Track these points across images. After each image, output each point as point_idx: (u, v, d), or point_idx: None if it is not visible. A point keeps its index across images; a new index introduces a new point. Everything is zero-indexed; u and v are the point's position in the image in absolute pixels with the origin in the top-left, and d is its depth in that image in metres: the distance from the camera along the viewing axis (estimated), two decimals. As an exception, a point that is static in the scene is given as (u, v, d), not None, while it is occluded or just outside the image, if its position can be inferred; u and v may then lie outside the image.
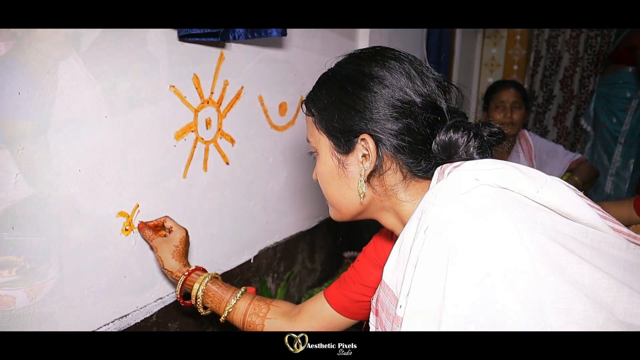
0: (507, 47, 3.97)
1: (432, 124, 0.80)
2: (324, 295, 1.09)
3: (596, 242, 0.68)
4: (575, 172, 2.22)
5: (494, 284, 0.62)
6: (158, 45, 1.07)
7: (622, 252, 0.69)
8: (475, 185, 0.70)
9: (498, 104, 2.31)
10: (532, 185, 0.70)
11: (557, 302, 0.61)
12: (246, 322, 1.09)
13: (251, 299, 1.11)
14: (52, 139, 0.89)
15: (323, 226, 1.95)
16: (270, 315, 1.10)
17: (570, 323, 0.60)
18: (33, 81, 0.84)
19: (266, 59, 1.44)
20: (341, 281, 1.08)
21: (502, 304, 0.61)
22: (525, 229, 0.65)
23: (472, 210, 0.67)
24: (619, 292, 0.63)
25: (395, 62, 0.81)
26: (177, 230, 1.13)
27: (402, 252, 0.75)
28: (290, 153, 1.64)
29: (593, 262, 0.65)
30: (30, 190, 0.87)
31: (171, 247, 1.11)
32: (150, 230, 1.12)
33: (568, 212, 0.69)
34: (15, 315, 0.88)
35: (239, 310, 1.09)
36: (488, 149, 0.82)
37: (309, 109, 0.89)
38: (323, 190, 0.91)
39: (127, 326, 1.11)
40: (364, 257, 1.06)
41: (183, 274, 1.10)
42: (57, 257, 0.94)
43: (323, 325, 1.08)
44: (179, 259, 1.11)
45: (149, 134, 1.09)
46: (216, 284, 1.11)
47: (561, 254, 0.64)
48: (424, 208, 0.73)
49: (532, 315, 0.61)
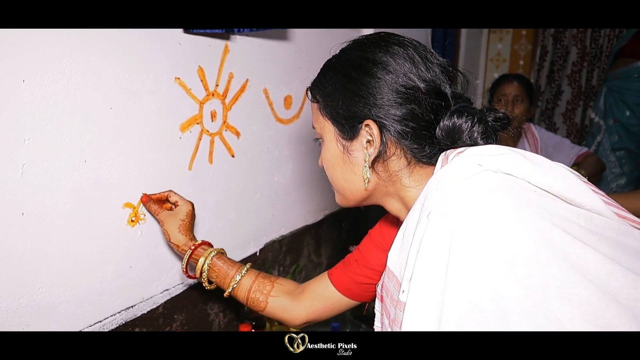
0: (513, 42, 3.95)
1: (436, 110, 0.80)
2: (328, 276, 1.09)
3: (600, 228, 0.68)
4: (581, 165, 2.21)
5: (496, 270, 0.62)
6: (163, 37, 1.08)
7: (626, 238, 0.69)
8: (478, 170, 0.69)
9: (500, 97, 2.32)
10: (535, 171, 0.69)
11: (560, 287, 0.61)
12: (250, 298, 1.10)
13: (256, 275, 1.12)
14: (58, 129, 0.90)
15: (329, 220, 1.95)
16: (274, 293, 1.10)
17: (574, 308, 0.60)
18: (39, 71, 0.85)
19: (271, 52, 1.44)
20: (345, 263, 1.08)
21: (505, 289, 0.61)
22: (529, 214, 0.64)
23: (474, 196, 0.67)
24: (623, 277, 0.62)
25: (399, 47, 0.81)
26: (183, 204, 1.13)
27: (405, 238, 0.75)
28: (295, 146, 1.64)
29: (597, 247, 0.64)
30: (37, 181, 0.87)
31: (177, 220, 1.11)
32: (155, 204, 1.12)
33: (572, 198, 0.69)
34: (22, 305, 0.89)
35: (243, 286, 1.10)
36: (493, 135, 0.81)
37: (314, 95, 0.89)
38: (328, 176, 0.91)
39: (133, 317, 1.12)
40: (370, 240, 1.06)
41: (189, 247, 1.10)
42: (63, 247, 0.94)
43: (326, 305, 1.09)
44: (185, 233, 1.11)
45: (154, 126, 1.10)
46: (222, 259, 1.12)
47: (565, 239, 0.64)
48: (427, 193, 0.73)
49: (535, 300, 0.60)
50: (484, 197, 0.66)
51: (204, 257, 1.10)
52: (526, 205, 0.66)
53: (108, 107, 0.98)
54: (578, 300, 0.60)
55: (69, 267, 0.96)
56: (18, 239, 0.86)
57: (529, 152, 0.73)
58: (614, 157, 3.00)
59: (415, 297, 0.68)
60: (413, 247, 0.71)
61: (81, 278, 0.99)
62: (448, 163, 0.74)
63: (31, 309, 0.91)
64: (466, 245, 0.64)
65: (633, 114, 2.95)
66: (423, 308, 0.67)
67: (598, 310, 0.60)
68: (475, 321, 0.62)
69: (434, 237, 0.67)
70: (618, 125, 3.01)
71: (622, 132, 3.00)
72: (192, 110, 1.19)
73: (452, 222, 0.66)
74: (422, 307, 0.67)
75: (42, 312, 0.93)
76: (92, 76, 0.94)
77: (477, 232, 0.64)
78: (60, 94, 0.89)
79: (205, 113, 1.23)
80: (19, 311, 0.89)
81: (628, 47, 2.98)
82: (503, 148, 0.73)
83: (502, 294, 0.61)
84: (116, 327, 1.08)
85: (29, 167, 0.86)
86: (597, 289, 0.61)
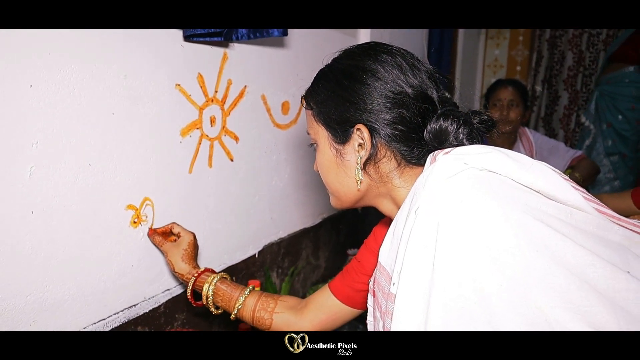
0: (510, 48, 3.99)
1: (424, 113, 0.84)
2: (329, 287, 1.13)
3: (581, 223, 0.71)
4: (576, 168, 2.24)
5: (479, 261, 0.66)
6: (164, 45, 1.12)
7: (606, 233, 0.72)
8: (463, 168, 0.74)
9: (495, 102, 2.36)
10: (518, 168, 0.73)
11: (541, 277, 0.64)
12: (255, 317, 1.14)
13: (259, 295, 1.16)
14: (64, 134, 0.94)
15: (327, 223, 1.99)
16: (278, 309, 1.14)
17: (555, 297, 0.63)
18: (46, 78, 0.89)
19: (269, 59, 1.48)
20: (344, 273, 1.12)
21: (487, 279, 0.65)
22: (511, 209, 0.68)
23: (459, 192, 0.71)
24: (602, 268, 0.65)
25: (388, 55, 0.86)
26: (185, 235, 1.19)
27: (395, 233, 0.79)
28: (293, 151, 1.68)
29: (577, 241, 0.67)
30: (45, 182, 0.92)
31: (180, 250, 1.16)
32: (160, 236, 1.18)
33: (553, 194, 0.72)
34: (29, 302, 0.93)
35: (248, 306, 1.14)
36: (478, 136, 0.86)
37: (308, 103, 0.94)
38: (323, 179, 0.95)
39: (135, 315, 1.15)
40: (366, 249, 1.10)
41: (193, 275, 1.14)
42: (69, 246, 0.99)
43: (329, 316, 1.12)
44: (188, 262, 1.16)
45: (156, 131, 1.14)
46: (225, 283, 1.16)
47: (545, 233, 0.67)
48: (416, 191, 0.77)
49: (517, 290, 0.64)
50: (468, 193, 0.70)
51: (207, 283, 1.14)
52: (508, 201, 0.69)
53: (111, 113, 1.03)
54: (559, 290, 0.63)
55: (74, 266, 1.00)
56: (26, 238, 0.91)
57: (513, 151, 0.78)
58: (608, 161, 3.04)
59: (404, 288, 0.72)
60: (402, 241, 0.74)
61: (86, 276, 1.03)
62: (435, 162, 0.78)
63: (38, 305, 0.95)
64: (451, 238, 0.68)
65: (625, 119, 3.01)
66: (412, 298, 0.71)
67: (577, 298, 0.63)
68: (461, 310, 0.66)
69: (421, 231, 0.71)
70: (611, 130, 3.06)
71: (616, 137, 3.05)
72: (192, 116, 1.24)
73: (438, 217, 0.70)
74: (411, 297, 0.71)
75: (48, 309, 0.97)
76: (96, 83, 0.98)
77: (461, 225, 0.68)
78: (66, 100, 0.93)
79: (205, 118, 1.28)
80: (26, 308, 0.93)
81: (619, 52, 3.05)
82: (487, 147, 0.78)
83: (484, 284, 0.65)
84: (119, 324, 1.12)
85: (36, 169, 0.90)
86: (576, 278, 0.64)
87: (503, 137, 2.35)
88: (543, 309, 0.63)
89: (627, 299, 0.63)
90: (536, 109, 3.85)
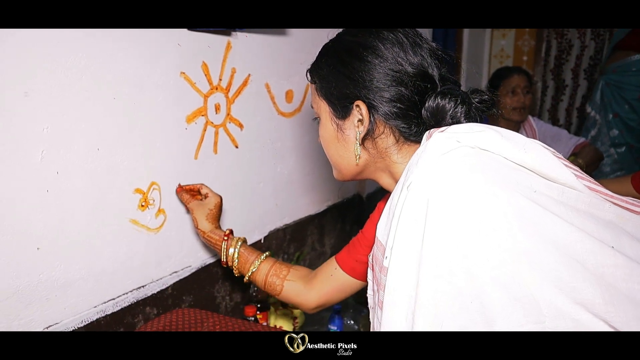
0: (516, 38, 3.98)
1: (423, 92, 0.85)
2: (335, 259, 1.17)
3: (572, 201, 0.72)
4: (579, 155, 2.24)
5: (467, 237, 0.67)
6: (168, 35, 1.16)
7: (598, 210, 0.73)
8: (456, 146, 0.75)
9: (510, 89, 2.30)
10: (511, 147, 0.75)
11: (528, 254, 0.65)
12: (267, 282, 1.19)
13: (273, 262, 1.21)
14: (73, 119, 0.98)
15: (332, 210, 2.02)
16: (290, 277, 1.19)
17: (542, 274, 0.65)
18: (55, 65, 0.93)
19: (272, 48, 1.51)
20: (350, 245, 1.16)
21: (475, 255, 0.67)
22: (501, 186, 0.69)
23: (450, 169, 0.72)
24: (591, 244, 0.66)
25: (389, 32, 0.87)
26: (212, 196, 1.26)
27: (391, 209, 0.81)
28: (297, 139, 1.71)
29: (567, 218, 0.68)
30: (55, 166, 0.96)
31: (206, 210, 1.23)
32: (187, 194, 1.25)
33: (545, 172, 0.74)
34: (42, 280, 0.97)
35: (261, 271, 1.20)
36: (477, 115, 0.87)
37: (312, 77, 0.97)
38: (325, 152, 0.99)
39: (144, 296, 1.20)
40: (370, 222, 1.13)
41: (222, 237, 1.21)
42: (79, 228, 1.03)
43: (335, 287, 1.16)
44: (211, 221, 1.23)
45: (162, 117, 1.18)
46: (244, 247, 1.22)
47: (535, 210, 0.68)
48: (409, 168, 0.79)
49: (506, 269, 0.65)
50: (459, 170, 0.72)
51: (233, 247, 1.21)
52: (499, 178, 0.71)
53: (118, 100, 1.06)
54: (547, 268, 0.65)
55: (85, 247, 1.05)
56: (39, 219, 0.95)
57: (506, 130, 0.79)
58: (615, 152, 3.01)
59: (395, 261, 0.74)
60: (394, 216, 0.77)
61: (96, 257, 1.07)
62: (429, 139, 0.79)
63: (50, 284, 0.99)
64: (440, 214, 0.70)
65: (632, 108, 2.96)
66: (402, 271, 0.73)
67: (566, 275, 0.64)
68: (449, 283, 0.68)
69: (411, 207, 0.73)
70: (618, 121, 3.02)
71: (622, 127, 3.00)
72: (197, 103, 1.27)
73: (428, 193, 0.72)
74: (402, 270, 0.73)
75: (60, 288, 1.01)
76: (104, 71, 1.02)
77: (450, 202, 0.70)
78: (74, 86, 0.97)
79: (210, 106, 1.31)
80: (39, 286, 0.97)
81: (625, 40, 2.99)
82: (481, 126, 0.79)
83: (472, 259, 0.67)
84: (128, 304, 1.16)
85: (47, 153, 0.94)
86: (565, 255, 0.65)
87: (510, 124, 2.33)
88: (530, 286, 0.65)
89: (615, 275, 0.65)
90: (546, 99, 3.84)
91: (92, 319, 1.08)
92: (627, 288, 0.64)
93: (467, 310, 0.68)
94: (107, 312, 1.11)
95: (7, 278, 0.92)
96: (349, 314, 1.72)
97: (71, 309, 1.04)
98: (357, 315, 1.72)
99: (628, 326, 0.63)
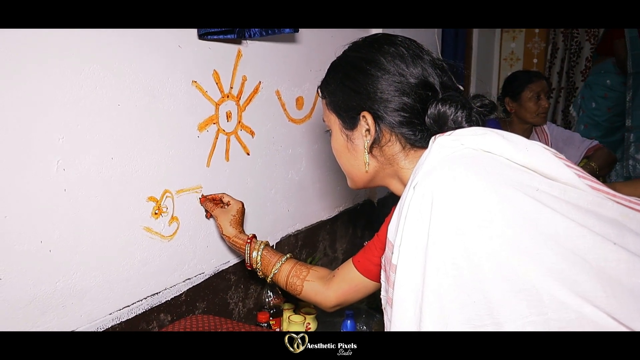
0: (526, 40, 3.98)
1: (425, 100, 0.90)
2: (352, 261, 1.21)
3: (574, 199, 0.74)
4: (591, 158, 2.23)
5: (468, 231, 0.70)
6: (180, 44, 1.17)
7: (601, 208, 0.74)
8: (460, 149, 0.80)
9: (535, 94, 2.26)
10: (512, 148, 0.78)
11: (529, 249, 0.68)
12: (289, 282, 1.25)
13: (294, 263, 1.27)
14: (87, 129, 0.99)
15: (344, 216, 2.02)
16: (309, 278, 1.24)
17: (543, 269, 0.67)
18: (70, 76, 0.95)
19: (282, 55, 1.53)
20: (366, 248, 1.20)
21: (476, 247, 0.70)
22: (501, 185, 0.73)
23: (454, 169, 0.76)
24: (592, 239, 0.68)
25: (390, 46, 0.92)
26: (234, 203, 1.32)
27: (399, 209, 0.84)
28: (308, 145, 1.72)
29: (568, 215, 0.70)
30: (70, 175, 0.97)
31: (229, 216, 1.29)
32: (211, 202, 1.31)
33: (547, 172, 0.76)
34: (58, 288, 0.98)
35: (283, 272, 1.26)
36: (479, 119, 0.91)
37: (322, 93, 1.02)
38: (338, 162, 1.04)
39: (158, 303, 1.21)
40: (385, 225, 1.15)
41: (245, 241, 1.27)
42: (94, 236, 1.04)
43: (351, 287, 1.20)
44: (235, 227, 1.29)
45: (174, 126, 1.19)
46: (267, 249, 1.29)
47: (535, 207, 0.71)
48: (416, 170, 0.83)
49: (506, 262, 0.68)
50: (462, 170, 0.75)
51: (256, 250, 1.27)
52: (499, 177, 0.74)
53: (132, 109, 1.08)
54: (547, 261, 0.67)
55: (100, 255, 1.06)
56: (54, 228, 0.96)
57: (508, 133, 0.82)
58: None
59: (403, 257, 0.78)
60: (402, 215, 0.80)
61: (110, 265, 1.09)
62: (435, 143, 0.84)
63: (67, 291, 1.00)
64: (444, 210, 0.73)
65: (597, 105, 3.32)
66: (410, 267, 0.76)
67: (566, 269, 0.66)
68: (454, 277, 0.71)
69: (417, 204, 0.76)
70: (584, 116, 3.39)
71: (588, 121, 3.35)
72: (209, 111, 1.29)
73: (433, 192, 0.75)
74: (409, 266, 0.77)
75: (76, 295, 1.02)
76: (117, 81, 1.04)
77: (453, 199, 0.73)
78: (89, 97, 0.99)
79: (221, 113, 1.33)
80: (56, 293, 0.98)
81: (601, 46, 3.40)
82: (483, 129, 0.83)
83: (473, 251, 0.70)
84: (143, 311, 1.17)
85: (62, 162, 0.96)
86: (565, 250, 0.67)
87: (524, 128, 2.31)
88: (532, 279, 0.67)
89: (617, 269, 0.66)
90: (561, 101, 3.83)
91: (107, 326, 1.09)
92: (630, 282, 0.66)
93: (472, 303, 0.70)
94: (122, 319, 1.12)
95: (24, 286, 0.93)
96: (362, 320, 1.72)
97: (87, 316, 1.05)
98: (370, 320, 1.72)
99: (631, 319, 0.64)
